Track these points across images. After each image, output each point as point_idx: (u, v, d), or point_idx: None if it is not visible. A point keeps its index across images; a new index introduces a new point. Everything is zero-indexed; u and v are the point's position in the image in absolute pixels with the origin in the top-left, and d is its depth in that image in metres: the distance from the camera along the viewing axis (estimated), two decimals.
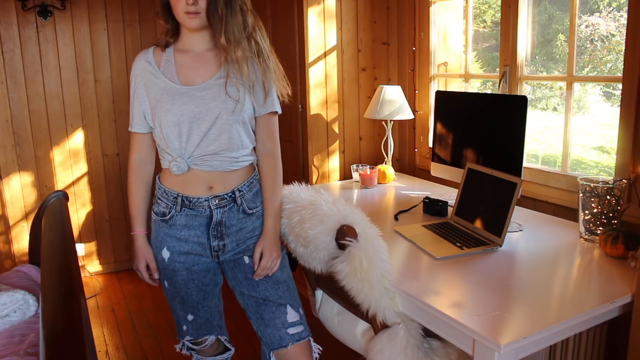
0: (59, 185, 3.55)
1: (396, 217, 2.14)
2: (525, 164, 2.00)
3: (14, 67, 3.32)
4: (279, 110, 1.67)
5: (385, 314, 1.54)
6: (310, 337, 1.74)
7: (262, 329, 1.71)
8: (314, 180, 2.94)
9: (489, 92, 2.78)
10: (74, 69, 3.48)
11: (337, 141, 2.99)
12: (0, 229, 3.45)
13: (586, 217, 1.78)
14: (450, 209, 2.11)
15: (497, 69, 2.38)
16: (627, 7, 1.80)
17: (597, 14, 3.75)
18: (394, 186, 2.68)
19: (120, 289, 3.53)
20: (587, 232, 1.79)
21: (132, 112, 1.63)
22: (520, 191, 1.74)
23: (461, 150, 2.25)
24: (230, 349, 1.90)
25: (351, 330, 1.83)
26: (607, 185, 1.73)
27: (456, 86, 2.77)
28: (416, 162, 2.92)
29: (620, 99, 1.86)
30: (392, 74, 3.00)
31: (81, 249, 3.68)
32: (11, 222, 3.46)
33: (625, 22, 1.80)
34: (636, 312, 1.33)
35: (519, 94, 2.26)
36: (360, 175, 2.67)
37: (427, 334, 1.60)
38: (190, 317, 1.76)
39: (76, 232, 3.64)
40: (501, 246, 1.75)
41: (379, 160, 3.04)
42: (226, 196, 1.61)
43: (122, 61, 3.59)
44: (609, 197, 1.72)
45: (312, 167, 2.94)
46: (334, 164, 2.99)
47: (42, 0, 3.30)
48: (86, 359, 1.08)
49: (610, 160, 3.90)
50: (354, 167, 2.80)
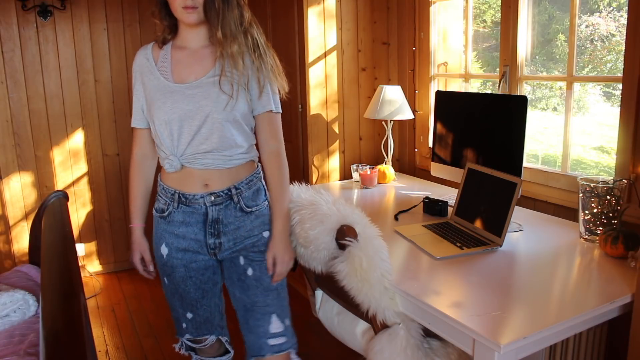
0: (59, 185, 3.55)
1: (396, 217, 2.15)
2: (525, 164, 2.00)
3: (14, 67, 3.32)
4: (275, 108, 1.63)
5: (385, 314, 1.54)
6: (292, 349, 1.71)
7: (247, 333, 1.71)
8: (314, 180, 2.94)
9: (489, 92, 2.78)
10: (74, 69, 3.48)
11: (337, 141, 2.99)
12: (0, 229, 3.45)
13: (586, 217, 1.78)
14: (450, 209, 2.11)
15: (497, 69, 2.38)
16: (627, 7, 1.80)
17: (597, 14, 3.75)
18: (394, 186, 2.68)
19: (120, 289, 3.53)
20: (587, 232, 1.79)
21: (133, 107, 1.66)
22: (520, 191, 1.74)
23: (461, 150, 2.25)
24: (230, 352, 1.89)
25: (351, 330, 1.83)
26: (607, 185, 1.73)
27: (456, 86, 2.77)
28: (416, 162, 2.92)
29: (620, 99, 1.86)
30: (392, 74, 3.00)
31: (81, 249, 3.68)
32: (11, 222, 3.46)
33: (625, 22, 1.80)
34: (636, 312, 1.33)
35: (519, 94, 2.26)
36: (360, 175, 2.67)
37: (427, 334, 1.60)
38: (189, 315, 1.75)
39: (76, 232, 3.64)
40: (501, 246, 1.75)
41: (379, 160, 3.05)
42: (222, 193, 1.60)
43: (122, 61, 3.59)
44: (609, 197, 1.72)
45: (312, 167, 2.94)
46: (334, 164, 2.99)
47: (42, 0, 3.30)
48: (86, 359, 1.08)
49: (610, 160, 3.90)
50: (354, 167, 2.80)
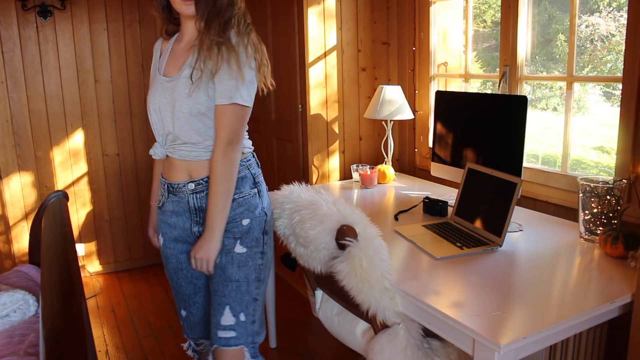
0: (59, 185, 3.55)
1: (396, 217, 2.15)
2: (525, 164, 2.00)
3: (14, 67, 3.32)
4: (226, 101, 1.51)
5: (385, 314, 1.54)
6: (245, 346, 1.61)
7: (209, 320, 1.69)
8: (314, 180, 2.94)
9: (489, 92, 2.78)
10: (74, 69, 3.48)
11: (337, 141, 2.99)
12: (0, 229, 3.45)
13: (586, 217, 1.78)
14: (450, 209, 2.11)
15: (497, 69, 2.38)
16: (627, 7, 1.80)
17: (597, 14, 3.75)
18: (394, 186, 2.68)
19: (120, 289, 3.53)
20: (587, 232, 1.79)
21: None
22: (520, 191, 1.74)
23: (461, 150, 2.25)
24: None
25: (351, 330, 1.83)
26: (607, 185, 1.73)
27: (456, 86, 2.77)
28: (416, 162, 2.92)
29: (620, 99, 1.86)
30: (392, 74, 3.00)
31: (81, 249, 3.68)
32: (11, 222, 3.46)
33: (625, 22, 1.80)
34: (636, 312, 1.33)
35: (519, 94, 2.26)
36: (360, 175, 2.67)
37: (427, 334, 1.60)
38: (183, 313, 1.77)
39: (76, 232, 3.64)
40: (501, 246, 1.75)
41: (379, 160, 3.04)
42: (202, 181, 1.59)
43: (122, 61, 3.59)
44: (609, 197, 1.72)
45: (312, 167, 2.94)
46: (334, 164, 2.99)
47: (42, 0, 3.30)
48: (86, 359, 1.08)
49: (610, 160, 3.90)
50: (354, 167, 2.80)
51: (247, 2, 1.62)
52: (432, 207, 2.15)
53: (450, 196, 2.32)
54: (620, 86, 1.85)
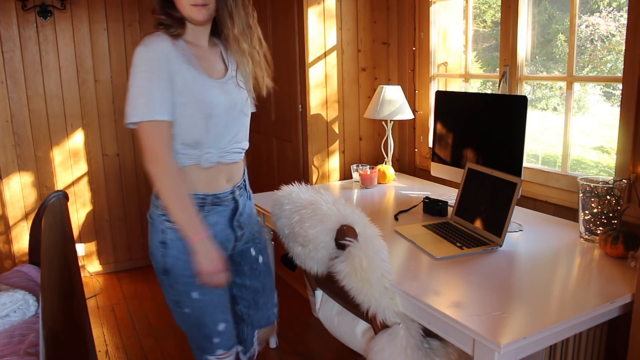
0: (59, 185, 3.55)
1: (396, 217, 2.14)
2: (525, 164, 2.00)
3: (14, 67, 3.32)
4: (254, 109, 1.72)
5: (385, 314, 1.54)
6: None
7: (253, 313, 1.78)
8: (314, 180, 2.94)
9: (489, 92, 2.78)
10: (74, 69, 3.48)
11: (337, 141, 2.99)
12: (0, 229, 3.45)
13: (586, 217, 1.78)
14: (450, 209, 2.11)
15: (497, 69, 2.38)
16: (627, 7, 1.80)
17: (597, 14, 3.75)
18: (394, 186, 2.68)
19: (120, 289, 3.53)
20: (587, 232, 1.79)
21: (151, 97, 1.43)
22: (520, 191, 1.74)
23: (461, 150, 2.25)
24: None
25: (351, 330, 1.83)
26: (607, 185, 1.73)
27: (456, 86, 2.77)
28: (416, 162, 2.92)
29: (620, 99, 1.86)
30: (392, 74, 2.99)
31: (81, 249, 3.68)
32: (11, 222, 3.46)
33: (625, 22, 1.80)
34: (636, 312, 1.33)
35: (519, 94, 2.26)
36: (360, 175, 2.67)
37: (427, 334, 1.60)
38: (221, 327, 1.62)
39: (76, 232, 3.64)
40: (501, 246, 1.75)
41: (379, 160, 3.04)
42: (241, 185, 1.66)
43: (122, 61, 3.59)
44: (609, 197, 1.72)
45: (312, 167, 2.94)
46: (334, 164, 2.99)
47: (42, 0, 3.30)
48: (86, 359, 1.08)
49: (610, 160, 3.90)
50: (354, 167, 2.80)
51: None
52: (432, 207, 2.15)
53: (450, 196, 2.32)
54: (620, 86, 1.85)
